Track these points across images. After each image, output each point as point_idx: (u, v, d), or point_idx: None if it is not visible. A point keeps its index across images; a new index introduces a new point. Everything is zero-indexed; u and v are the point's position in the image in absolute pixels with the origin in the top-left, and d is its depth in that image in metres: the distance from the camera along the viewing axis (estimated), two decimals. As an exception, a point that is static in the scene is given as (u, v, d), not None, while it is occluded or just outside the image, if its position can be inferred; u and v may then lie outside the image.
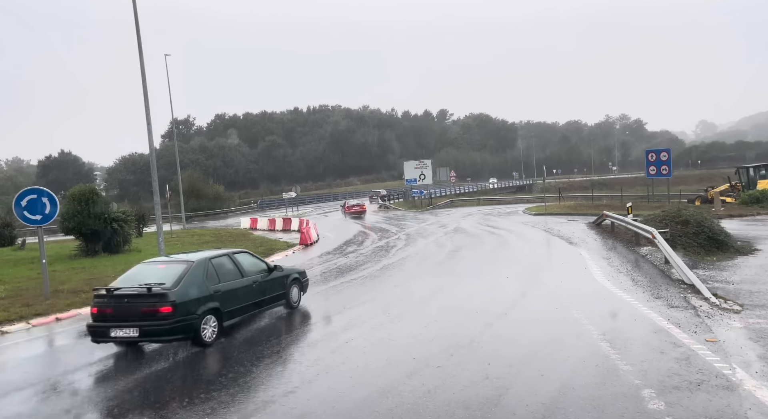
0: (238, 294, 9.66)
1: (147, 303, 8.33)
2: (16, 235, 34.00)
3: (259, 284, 10.24)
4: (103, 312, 8.55)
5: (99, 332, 8.59)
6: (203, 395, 6.52)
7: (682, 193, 38.88)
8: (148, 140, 20.14)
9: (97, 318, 8.64)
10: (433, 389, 6.27)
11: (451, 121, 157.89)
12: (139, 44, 19.63)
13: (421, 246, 21.64)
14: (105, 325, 8.50)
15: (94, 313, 8.69)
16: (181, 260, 9.55)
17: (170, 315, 8.27)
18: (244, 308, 9.91)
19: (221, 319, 9.13)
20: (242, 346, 8.76)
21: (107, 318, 8.49)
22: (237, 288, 9.67)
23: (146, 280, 8.77)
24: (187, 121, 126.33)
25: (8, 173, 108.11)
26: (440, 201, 59.35)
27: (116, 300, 8.51)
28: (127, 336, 8.34)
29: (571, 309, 9.88)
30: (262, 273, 10.53)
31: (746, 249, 15.82)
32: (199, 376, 7.52)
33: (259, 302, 10.25)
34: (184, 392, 6.75)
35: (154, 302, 8.32)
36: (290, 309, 11.26)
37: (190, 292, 8.67)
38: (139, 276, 9.11)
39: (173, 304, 8.31)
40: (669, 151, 33.79)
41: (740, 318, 8.64)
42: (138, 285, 8.63)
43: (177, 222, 46.58)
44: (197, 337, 8.60)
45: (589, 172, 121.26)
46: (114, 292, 8.58)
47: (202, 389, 6.78)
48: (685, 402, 5.57)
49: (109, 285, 9.09)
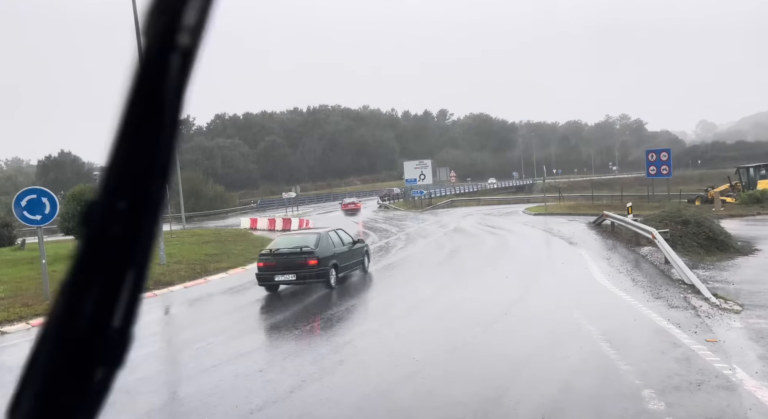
0: (344, 256, 13.82)
1: (300, 257, 12.69)
2: (15, 235, 34.01)
3: (351, 251, 14.48)
4: (268, 264, 12.92)
5: (265, 278, 12.95)
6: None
7: (682, 192, 38.82)
8: (148, 140, 20.13)
9: (262, 270, 13.01)
10: (433, 389, 6.27)
11: (451, 121, 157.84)
12: (138, 44, 19.62)
13: (421, 246, 21.64)
14: (270, 273, 12.84)
15: (260, 266, 13.10)
16: (310, 232, 15.30)
17: (316, 266, 12.61)
18: (347, 266, 14.06)
19: (338, 272, 13.23)
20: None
21: (272, 268, 12.82)
22: (343, 252, 13.88)
23: (290, 246, 13.29)
24: (186, 120, 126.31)
25: (8, 173, 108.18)
26: (440, 201, 59.37)
27: (278, 257, 12.93)
28: (286, 279, 12.75)
29: (571, 309, 9.86)
30: (351, 244, 14.63)
31: (746, 249, 15.82)
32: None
33: (353, 263, 14.59)
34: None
35: (306, 257, 12.66)
36: (364, 272, 15.25)
37: (325, 252, 13.00)
38: (283, 243, 13.87)
39: (318, 258, 12.64)
40: (669, 150, 33.77)
41: (740, 319, 8.64)
42: (291, 247, 13.12)
43: (177, 222, 46.55)
44: (328, 282, 12.91)
45: (589, 172, 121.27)
46: (275, 251, 13.17)
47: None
48: (686, 402, 5.56)
49: (268, 248, 13.84)
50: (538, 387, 6.20)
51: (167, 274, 16.90)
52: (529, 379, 6.49)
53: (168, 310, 13.41)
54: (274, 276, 12.76)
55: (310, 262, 12.59)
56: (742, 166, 36.90)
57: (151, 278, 16.18)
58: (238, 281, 16.16)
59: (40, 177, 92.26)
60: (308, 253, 12.71)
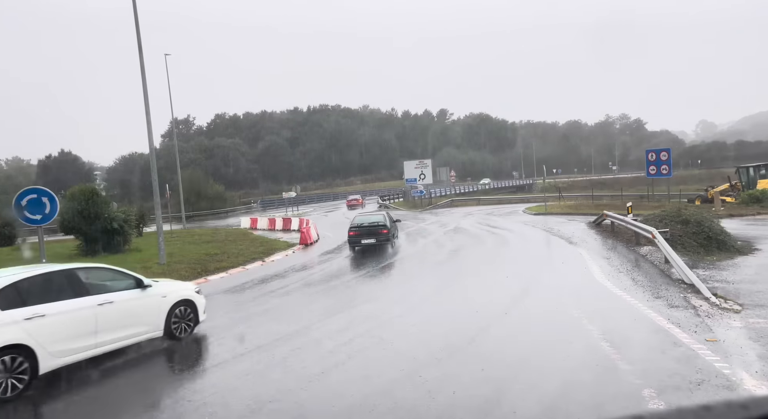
0: (394, 227, 22.39)
1: (378, 228, 20.54)
2: (15, 235, 34.00)
3: (394, 224, 22.86)
4: (357, 233, 20.44)
5: (355, 242, 20.46)
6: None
7: (682, 192, 38.84)
8: (148, 140, 20.14)
9: (353, 237, 20.49)
10: (433, 389, 6.27)
11: (451, 120, 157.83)
12: (139, 44, 19.63)
13: (421, 246, 21.64)
14: (358, 239, 20.34)
15: (351, 235, 20.59)
16: (378, 213, 24.28)
17: (387, 233, 20.53)
18: (395, 234, 22.54)
19: (394, 238, 21.92)
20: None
21: (359, 236, 20.35)
22: (393, 225, 22.36)
23: (369, 221, 21.43)
24: (187, 120, 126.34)
25: (8, 172, 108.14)
26: (440, 201, 59.38)
27: (363, 228, 20.61)
28: (369, 242, 20.23)
29: (571, 308, 9.87)
30: (394, 221, 23.23)
31: (746, 249, 15.82)
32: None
33: (397, 232, 23.14)
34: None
35: (381, 228, 20.54)
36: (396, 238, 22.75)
37: (389, 224, 21.18)
38: (360, 220, 21.77)
39: (387, 229, 20.69)
40: (669, 150, 33.77)
41: (740, 318, 8.64)
42: (370, 222, 21.08)
43: (177, 222, 46.58)
44: (392, 244, 21.31)
45: (589, 172, 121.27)
46: (362, 225, 20.85)
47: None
48: (686, 401, 5.55)
49: (353, 223, 21.31)
50: (538, 387, 6.20)
51: (167, 274, 16.89)
52: (529, 379, 6.49)
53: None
54: (361, 240, 20.33)
55: (383, 231, 20.48)
56: (742, 165, 36.87)
57: (152, 278, 16.19)
58: (238, 280, 16.16)
59: (40, 176, 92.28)
60: (383, 226, 20.70)
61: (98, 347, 7.85)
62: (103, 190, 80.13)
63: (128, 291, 8.64)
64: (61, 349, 7.32)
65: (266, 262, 20.26)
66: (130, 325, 8.43)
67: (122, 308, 8.34)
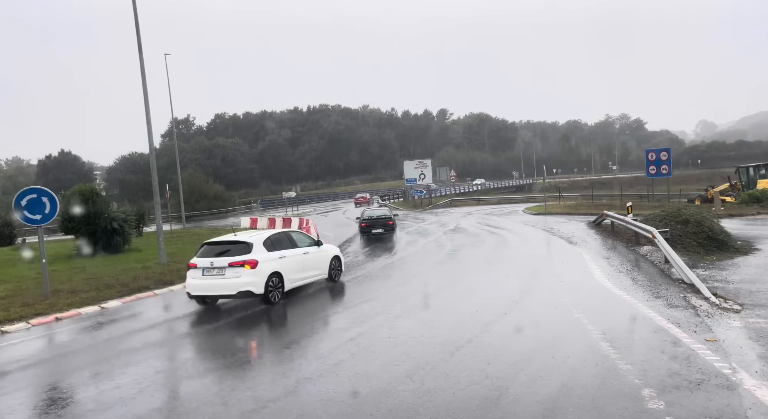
0: (395, 220, 26.64)
1: (385, 220, 25.41)
2: (16, 235, 34.01)
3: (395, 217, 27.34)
4: (368, 224, 25.27)
5: (366, 231, 25.12)
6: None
7: (682, 192, 38.86)
8: (148, 140, 20.14)
9: (364, 227, 25.37)
10: (433, 389, 6.27)
11: (451, 120, 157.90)
12: (139, 44, 19.63)
13: (421, 246, 21.63)
14: (369, 229, 25.04)
15: (362, 226, 25.57)
16: (384, 207, 34.31)
17: (392, 224, 25.59)
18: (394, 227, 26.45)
19: (395, 229, 26.04)
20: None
21: (369, 226, 25.11)
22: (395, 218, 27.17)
23: (376, 214, 26.50)
24: (187, 120, 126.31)
25: (8, 172, 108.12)
26: (440, 200, 59.38)
27: (373, 220, 25.34)
28: (378, 232, 24.90)
29: (571, 308, 9.87)
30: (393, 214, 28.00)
31: (746, 249, 15.82)
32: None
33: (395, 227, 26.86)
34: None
35: (387, 220, 25.43)
36: None
37: (392, 217, 26.12)
38: (369, 214, 26.86)
39: (392, 220, 25.89)
40: (669, 150, 33.79)
41: (740, 318, 8.64)
42: (378, 215, 26.13)
43: (177, 221, 46.59)
44: (394, 231, 25.86)
45: (589, 172, 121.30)
46: (371, 218, 25.77)
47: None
48: (685, 401, 5.56)
49: (363, 216, 26.38)
50: (538, 387, 6.20)
51: (167, 274, 16.90)
52: (529, 379, 6.49)
53: (168, 309, 13.40)
54: (371, 230, 25.09)
55: (389, 223, 25.45)
56: (742, 165, 36.88)
57: (152, 277, 16.18)
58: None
59: (40, 176, 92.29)
60: (388, 218, 25.82)
61: (303, 280, 13.08)
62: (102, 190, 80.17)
63: (313, 247, 13.68)
64: (292, 278, 12.50)
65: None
66: (314, 268, 13.50)
67: (313, 257, 13.45)
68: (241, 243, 11.93)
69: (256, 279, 11.40)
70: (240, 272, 11.32)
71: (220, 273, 11.46)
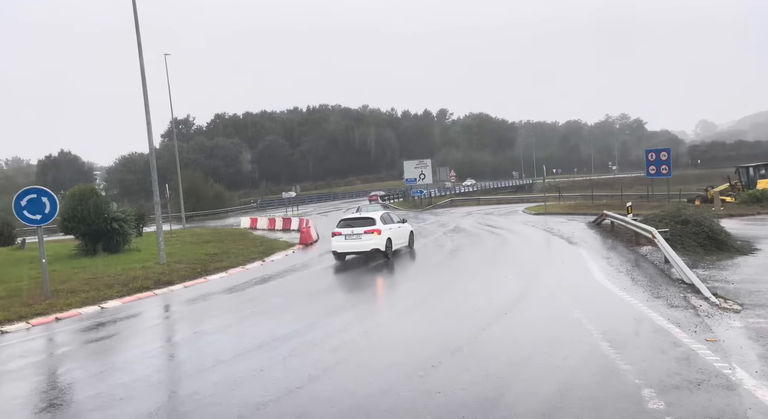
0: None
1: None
2: (16, 235, 34.02)
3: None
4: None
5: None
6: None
7: (682, 192, 38.78)
8: (148, 140, 20.16)
9: None
10: (432, 389, 6.27)
11: (451, 120, 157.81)
12: (139, 44, 19.64)
13: (421, 246, 21.63)
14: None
15: None
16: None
17: None
18: None
19: None
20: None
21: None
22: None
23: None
24: (186, 120, 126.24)
25: (8, 172, 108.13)
26: (440, 200, 59.38)
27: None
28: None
29: (571, 308, 9.87)
30: None
31: (746, 249, 15.81)
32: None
33: None
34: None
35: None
36: None
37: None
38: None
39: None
40: (669, 150, 33.78)
41: (740, 318, 8.64)
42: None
43: (177, 221, 46.62)
44: None
45: (589, 172, 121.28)
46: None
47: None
48: (685, 401, 5.56)
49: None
50: (538, 387, 6.20)
51: (167, 274, 16.91)
52: (529, 379, 6.49)
53: (168, 308, 13.41)
54: None
55: None
56: (741, 165, 36.84)
57: (152, 277, 16.20)
58: (238, 280, 16.16)
59: (40, 176, 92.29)
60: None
61: (397, 246, 19.09)
62: (102, 189, 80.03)
63: (398, 223, 19.89)
64: (396, 242, 18.86)
65: (266, 262, 20.27)
66: (401, 237, 19.69)
67: (400, 230, 19.70)
68: (369, 218, 18.23)
69: (381, 241, 17.63)
70: (371, 237, 17.53)
71: (358, 237, 17.61)
